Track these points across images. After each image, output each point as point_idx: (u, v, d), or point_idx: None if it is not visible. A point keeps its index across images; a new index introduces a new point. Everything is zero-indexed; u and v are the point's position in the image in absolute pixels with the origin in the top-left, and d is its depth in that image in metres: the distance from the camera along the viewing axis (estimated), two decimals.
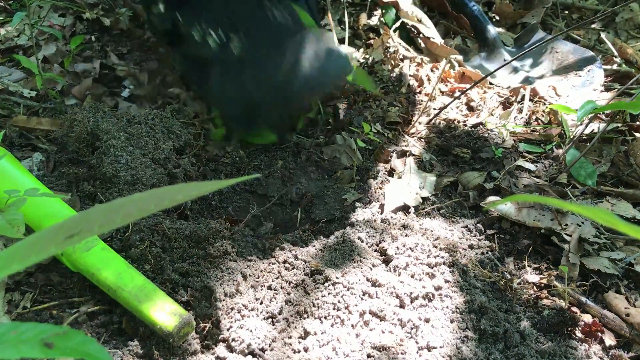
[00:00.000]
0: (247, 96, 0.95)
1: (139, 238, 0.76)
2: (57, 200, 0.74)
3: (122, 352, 0.65)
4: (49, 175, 0.87)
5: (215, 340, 0.66)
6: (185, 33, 1.01)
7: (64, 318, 0.69)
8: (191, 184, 0.25)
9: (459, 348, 0.68)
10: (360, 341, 0.67)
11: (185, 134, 0.97)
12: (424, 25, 1.46)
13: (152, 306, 0.65)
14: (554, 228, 0.89)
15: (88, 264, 0.68)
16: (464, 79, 1.33)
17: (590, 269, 0.84)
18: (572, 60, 1.35)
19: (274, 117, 0.99)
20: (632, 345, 0.75)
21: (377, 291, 0.74)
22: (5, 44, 1.19)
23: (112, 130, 0.89)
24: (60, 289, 0.73)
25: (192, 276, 0.71)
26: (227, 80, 0.99)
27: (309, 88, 0.94)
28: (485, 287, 0.79)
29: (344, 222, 0.89)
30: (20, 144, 0.95)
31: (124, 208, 0.24)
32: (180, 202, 0.25)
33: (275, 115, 0.99)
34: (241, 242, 0.76)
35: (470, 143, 1.09)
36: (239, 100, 0.97)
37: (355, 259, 0.78)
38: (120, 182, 0.83)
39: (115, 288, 0.67)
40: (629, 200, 0.97)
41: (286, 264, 0.74)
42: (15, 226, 0.60)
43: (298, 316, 0.69)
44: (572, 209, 0.27)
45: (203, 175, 0.95)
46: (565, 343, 0.73)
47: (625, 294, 0.81)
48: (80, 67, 1.15)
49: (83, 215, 0.24)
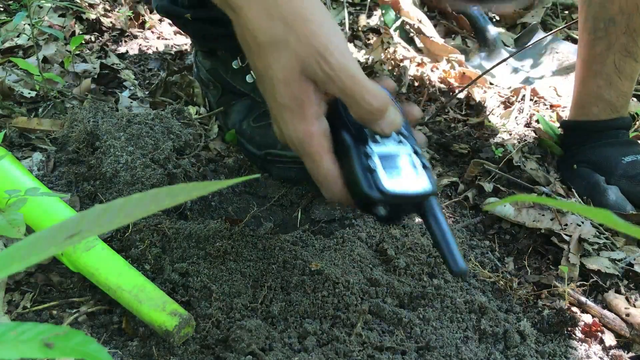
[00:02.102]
0: (270, 143, 0.92)
1: (139, 238, 0.76)
2: (57, 200, 0.74)
3: (122, 352, 0.65)
4: (49, 175, 0.87)
5: (215, 340, 0.66)
6: (223, 57, 1.00)
7: (64, 318, 0.69)
8: (191, 184, 0.25)
9: (459, 348, 0.68)
10: (361, 341, 0.67)
11: (185, 134, 0.97)
12: (424, 25, 1.46)
13: (152, 306, 0.65)
14: (554, 228, 0.89)
15: (88, 264, 0.68)
16: (464, 79, 1.33)
17: (590, 269, 0.84)
18: (573, 61, 1.34)
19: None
20: (632, 345, 0.75)
21: (377, 291, 0.74)
22: (6, 44, 1.19)
23: (112, 130, 0.89)
24: (60, 289, 0.73)
25: (192, 276, 0.71)
26: (251, 119, 0.98)
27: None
28: (485, 287, 0.79)
29: (344, 222, 0.89)
30: (20, 144, 0.95)
31: (124, 208, 0.24)
32: (180, 202, 0.25)
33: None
34: (241, 242, 0.76)
35: (470, 143, 1.09)
36: (259, 144, 0.95)
37: (355, 259, 0.78)
38: (120, 182, 0.83)
39: (115, 288, 0.67)
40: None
41: (286, 264, 0.74)
42: (16, 226, 0.60)
43: (298, 316, 0.69)
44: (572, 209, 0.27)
45: (203, 175, 0.95)
46: (565, 343, 0.73)
47: (626, 294, 0.81)
48: (80, 67, 1.15)
49: (83, 215, 0.24)
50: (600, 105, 1.05)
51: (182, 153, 0.96)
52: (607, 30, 1.01)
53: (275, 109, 0.61)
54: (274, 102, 0.60)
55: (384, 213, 0.58)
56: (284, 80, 0.58)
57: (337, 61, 0.55)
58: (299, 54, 0.56)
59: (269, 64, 0.58)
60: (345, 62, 0.56)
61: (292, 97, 0.58)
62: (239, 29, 0.60)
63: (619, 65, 1.02)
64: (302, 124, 0.59)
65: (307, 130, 0.59)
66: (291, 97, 0.58)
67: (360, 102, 0.56)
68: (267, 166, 0.95)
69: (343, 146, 0.60)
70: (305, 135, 0.59)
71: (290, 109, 0.59)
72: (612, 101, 1.04)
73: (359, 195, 0.58)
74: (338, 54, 0.56)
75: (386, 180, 0.57)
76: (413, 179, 0.58)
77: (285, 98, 0.58)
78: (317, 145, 0.59)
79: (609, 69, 1.03)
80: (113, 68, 1.17)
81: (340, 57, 0.56)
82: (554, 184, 0.99)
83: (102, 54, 1.23)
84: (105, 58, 1.21)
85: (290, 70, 0.57)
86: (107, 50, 1.24)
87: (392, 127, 0.59)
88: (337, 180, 0.60)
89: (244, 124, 0.98)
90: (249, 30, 0.58)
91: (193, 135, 1.00)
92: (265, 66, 0.59)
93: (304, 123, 0.59)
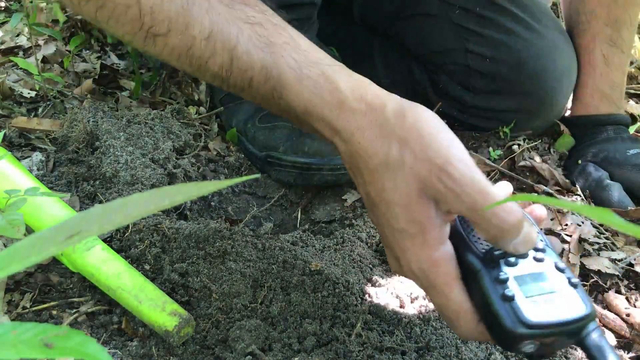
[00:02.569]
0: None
1: (138, 238, 0.76)
2: (56, 200, 0.74)
3: (121, 352, 0.65)
4: (48, 175, 0.87)
5: (214, 341, 0.66)
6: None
7: (63, 318, 0.69)
8: (191, 184, 0.25)
9: (459, 348, 0.68)
10: (361, 341, 0.67)
11: (185, 134, 0.97)
12: None
13: (151, 306, 0.65)
14: (554, 228, 0.89)
15: (88, 264, 0.68)
16: None
17: (591, 269, 0.84)
18: None
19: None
20: (633, 345, 0.75)
21: (377, 291, 0.74)
22: (5, 44, 1.19)
23: (112, 130, 0.89)
24: (60, 289, 0.73)
25: (191, 276, 0.71)
26: (256, 119, 0.97)
27: None
28: None
29: (344, 222, 0.89)
30: (19, 144, 0.95)
31: (123, 208, 0.24)
32: (179, 202, 0.25)
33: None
34: (241, 243, 0.76)
35: (469, 143, 1.09)
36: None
37: (355, 259, 0.78)
38: (120, 182, 0.83)
39: (115, 288, 0.67)
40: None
41: (286, 264, 0.74)
42: (15, 226, 0.60)
43: (298, 316, 0.69)
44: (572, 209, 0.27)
45: (203, 175, 0.95)
46: None
47: (626, 294, 0.81)
48: (80, 67, 1.15)
49: (83, 215, 0.24)
50: (596, 97, 1.07)
51: (182, 153, 0.96)
52: (589, 23, 1.05)
53: (391, 237, 0.53)
54: (389, 229, 0.53)
55: (534, 349, 0.48)
56: (400, 202, 0.51)
57: (461, 175, 0.48)
58: (416, 171, 0.49)
59: (383, 187, 0.51)
60: (471, 174, 0.48)
61: (411, 220, 0.51)
62: (348, 158, 0.54)
63: (607, 56, 1.05)
64: (424, 251, 0.51)
65: (430, 257, 0.51)
66: (410, 220, 0.51)
67: (492, 219, 0.48)
68: (266, 168, 0.95)
69: (471, 272, 0.51)
70: (430, 263, 0.51)
71: (411, 235, 0.51)
72: (607, 92, 1.06)
73: (500, 331, 0.48)
74: (462, 166, 0.48)
75: (530, 309, 0.47)
76: (562, 302, 0.48)
77: (403, 223, 0.51)
78: (444, 275, 0.51)
79: (597, 60, 1.06)
80: (113, 68, 1.17)
81: (464, 169, 0.48)
82: (559, 179, 1.00)
83: (102, 53, 1.23)
84: (105, 58, 1.21)
85: (408, 190, 0.50)
86: (107, 50, 1.24)
87: (528, 244, 0.50)
88: (471, 315, 0.51)
89: (249, 124, 0.98)
90: (361, 157, 0.52)
91: (193, 135, 1.00)
92: (378, 190, 0.52)
93: (427, 249, 0.51)
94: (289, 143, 0.91)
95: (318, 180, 0.90)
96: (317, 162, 0.89)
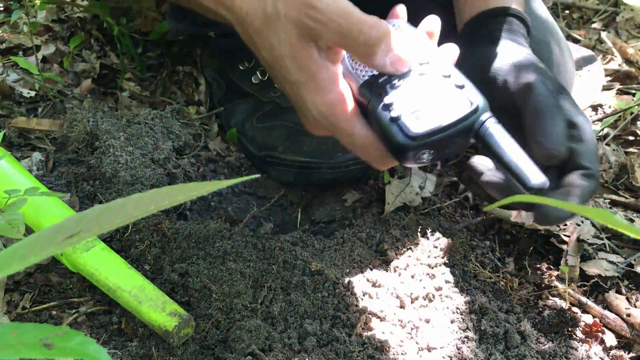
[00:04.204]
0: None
1: (138, 238, 0.76)
2: (56, 200, 0.74)
3: (121, 352, 0.65)
4: (48, 175, 0.87)
5: (215, 341, 0.66)
6: (230, 58, 0.99)
7: (63, 318, 0.69)
8: (191, 184, 0.25)
9: (460, 348, 0.68)
10: (361, 342, 0.67)
11: (185, 134, 0.97)
12: None
13: (151, 306, 0.65)
14: (553, 229, 0.89)
15: (88, 264, 0.68)
16: None
17: (590, 275, 0.84)
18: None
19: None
20: (633, 345, 0.75)
21: (377, 292, 0.74)
22: (5, 44, 1.19)
23: (112, 130, 0.89)
24: (60, 289, 0.73)
25: (191, 276, 0.71)
26: (254, 119, 0.97)
27: None
28: (485, 287, 0.79)
29: (344, 222, 0.89)
30: (19, 144, 0.95)
31: (123, 208, 0.24)
32: (179, 202, 0.25)
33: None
34: (241, 243, 0.75)
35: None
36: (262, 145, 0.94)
37: (355, 259, 0.78)
38: (120, 182, 0.83)
39: (115, 288, 0.67)
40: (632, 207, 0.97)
41: (286, 264, 0.74)
42: (15, 226, 0.60)
43: (298, 317, 0.69)
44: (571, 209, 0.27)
45: (203, 175, 0.95)
46: (565, 343, 0.73)
47: (626, 294, 0.81)
48: (80, 67, 1.15)
49: (83, 215, 0.24)
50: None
51: (182, 153, 0.96)
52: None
53: (291, 93, 0.54)
54: (288, 85, 0.53)
55: (431, 157, 0.51)
56: (287, 54, 0.51)
57: (325, 4, 0.49)
58: (290, 17, 0.50)
59: (272, 45, 0.52)
60: (335, 3, 0.49)
61: (299, 68, 0.51)
62: (239, 28, 0.56)
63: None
64: (319, 95, 0.52)
65: (325, 99, 0.52)
66: (299, 69, 0.51)
67: (359, 38, 0.49)
68: (266, 168, 0.95)
69: (365, 106, 0.53)
70: (327, 106, 0.52)
71: (304, 84, 0.52)
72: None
73: (396, 151, 0.51)
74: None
75: (413, 122, 0.49)
76: (446, 107, 0.50)
77: (295, 74, 0.52)
78: (343, 113, 0.52)
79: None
80: (113, 68, 1.16)
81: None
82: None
83: (102, 53, 1.23)
84: (105, 58, 1.21)
85: (289, 39, 0.51)
86: (107, 50, 1.23)
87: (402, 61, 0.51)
88: (376, 145, 0.53)
89: (247, 124, 0.98)
90: (246, 21, 0.54)
91: (193, 135, 1.00)
92: (269, 49, 0.53)
93: (321, 93, 0.52)
94: (287, 142, 0.91)
95: (318, 179, 0.90)
96: (317, 161, 0.89)
